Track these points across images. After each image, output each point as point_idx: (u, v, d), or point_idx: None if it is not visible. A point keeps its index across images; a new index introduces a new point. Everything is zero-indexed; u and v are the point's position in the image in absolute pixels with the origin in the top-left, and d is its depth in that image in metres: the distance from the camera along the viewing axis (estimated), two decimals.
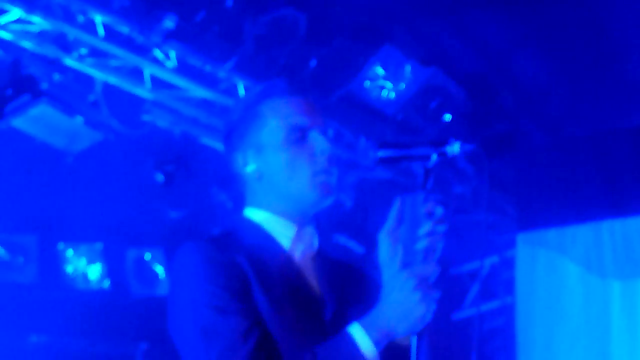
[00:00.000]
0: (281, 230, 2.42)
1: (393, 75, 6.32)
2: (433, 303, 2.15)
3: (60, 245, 7.62)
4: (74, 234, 7.61)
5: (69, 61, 5.71)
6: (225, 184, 6.57)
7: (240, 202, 2.54)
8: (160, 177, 6.42)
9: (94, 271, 7.65)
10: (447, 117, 6.53)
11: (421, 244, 2.16)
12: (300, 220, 2.44)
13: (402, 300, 2.14)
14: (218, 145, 6.49)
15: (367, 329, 2.17)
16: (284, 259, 2.39)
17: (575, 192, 6.84)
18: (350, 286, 2.48)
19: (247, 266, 2.29)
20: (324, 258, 2.50)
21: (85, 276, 7.62)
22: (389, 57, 6.25)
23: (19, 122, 5.73)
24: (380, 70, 6.30)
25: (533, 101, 6.61)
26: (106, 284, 7.67)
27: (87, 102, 5.82)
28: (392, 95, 6.38)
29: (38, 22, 5.54)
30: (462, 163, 7.14)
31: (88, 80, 5.85)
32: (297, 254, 2.42)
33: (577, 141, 6.82)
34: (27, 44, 5.58)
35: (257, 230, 2.43)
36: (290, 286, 2.35)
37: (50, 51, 5.64)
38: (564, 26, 5.87)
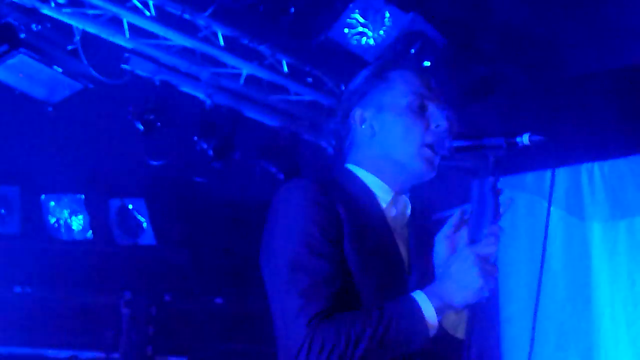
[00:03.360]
0: (379, 193, 2.52)
1: (372, 21, 6.29)
2: (492, 280, 2.26)
3: (43, 197, 7.62)
4: (55, 186, 7.61)
5: (47, 10, 5.67)
6: (205, 133, 6.56)
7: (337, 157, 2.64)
8: (140, 127, 6.40)
9: (77, 222, 7.66)
10: (427, 63, 6.51)
11: (487, 229, 2.33)
12: (399, 188, 2.54)
13: (460, 272, 2.26)
14: (198, 94, 6.48)
15: (429, 296, 2.29)
16: (380, 217, 2.49)
17: (554, 135, 6.84)
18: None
19: (345, 215, 2.38)
20: (417, 225, 2.59)
21: (68, 227, 7.64)
22: (368, 3, 6.22)
23: None
24: (359, 17, 6.27)
25: (513, 45, 6.59)
26: (89, 234, 7.69)
27: (66, 52, 5.78)
28: (372, 41, 6.35)
29: None
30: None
31: (67, 30, 5.81)
32: (391, 217, 2.52)
33: (557, 85, 6.82)
34: None
35: (358, 182, 2.52)
36: (381, 245, 2.45)
37: (28, 0, 5.58)
38: None
